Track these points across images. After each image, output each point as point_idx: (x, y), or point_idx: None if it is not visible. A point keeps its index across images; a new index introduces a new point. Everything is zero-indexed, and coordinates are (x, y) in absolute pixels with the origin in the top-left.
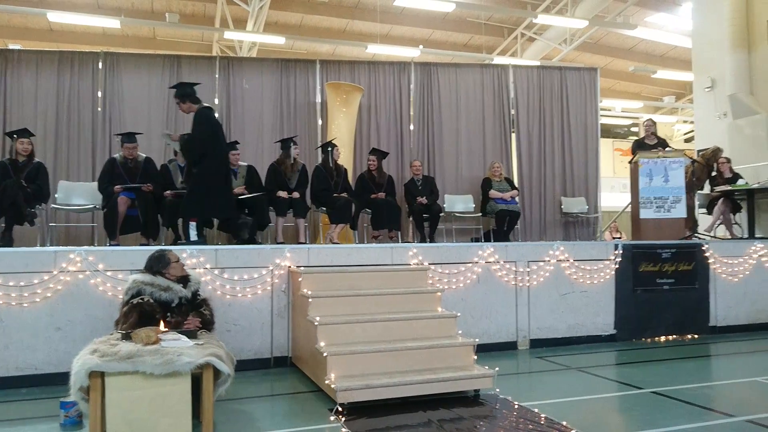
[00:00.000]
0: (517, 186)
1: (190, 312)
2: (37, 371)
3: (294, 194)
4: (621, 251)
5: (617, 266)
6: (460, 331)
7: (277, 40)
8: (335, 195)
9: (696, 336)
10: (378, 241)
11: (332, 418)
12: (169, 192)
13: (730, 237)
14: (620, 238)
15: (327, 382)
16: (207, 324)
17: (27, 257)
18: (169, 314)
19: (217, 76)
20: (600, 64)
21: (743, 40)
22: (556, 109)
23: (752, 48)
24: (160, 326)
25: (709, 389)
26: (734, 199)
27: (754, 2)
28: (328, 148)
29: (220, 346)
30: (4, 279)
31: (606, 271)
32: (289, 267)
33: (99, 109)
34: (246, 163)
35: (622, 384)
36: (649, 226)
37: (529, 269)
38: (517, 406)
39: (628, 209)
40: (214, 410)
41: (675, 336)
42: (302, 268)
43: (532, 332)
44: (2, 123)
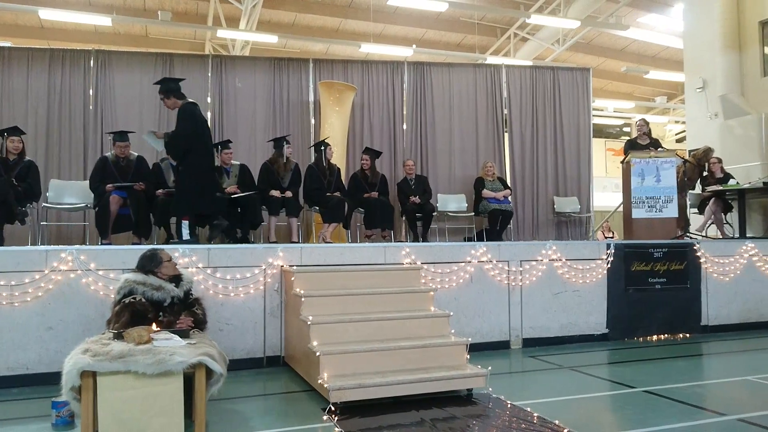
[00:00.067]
0: (509, 185)
1: (183, 311)
2: (28, 371)
3: (287, 193)
4: (613, 251)
5: (609, 266)
6: (453, 331)
7: (270, 38)
8: (328, 194)
9: (687, 335)
10: (371, 241)
11: (325, 418)
12: (161, 191)
13: (721, 237)
14: (612, 237)
15: (320, 381)
16: (199, 323)
17: (18, 256)
18: (162, 314)
19: (209, 74)
20: (592, 65)
21: (734, 41)
22: (548, 109)
23: (743, 49)
24: (153, 326)
25: (700, 388)
26: (725, 199)
27: (745, 4)
28: (321, 147)
29: (212, 346)
30: None
31: (598, 271)
32: (282, 266)
33: (90, 108)
34: (238, 162)
35: (615, 383)
36: (641, 225)
37: (521, 269)
38: (509, 405)
39: (620, 209)
40: (207, 410)
41: (667, 335)
42: (295, 268)
43: (524, 331)
44: None
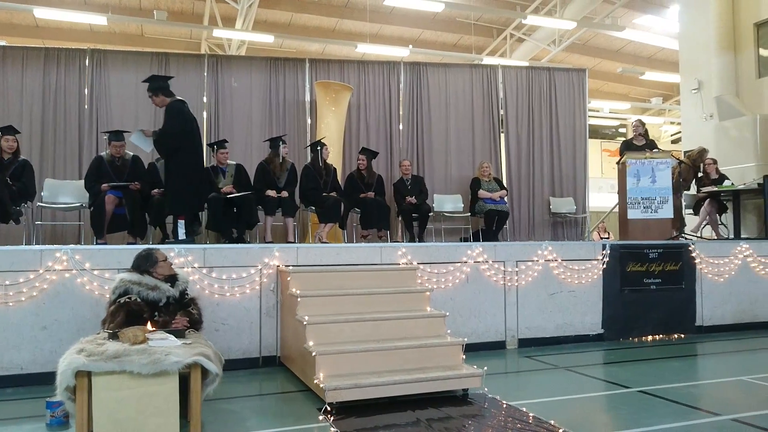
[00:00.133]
0: (505, 186)
1: (178, 311)
2: (22, 371)
3: (283, 193)
4: (609, 251)
5: (605, 266)
6: (449, 331)
7: (266, 38)
8: (324, 194)
9: (682, 335)
10: (367, 241)
11: (321, 418)
12: (156, 190)
13: (716, 237)
14: (608, 238)
15: (316, 381)
16: (195, 323)
17: (12, 256)
18: (157, 313)
19: (205, 74)
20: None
21: (729, 42)
22: (544, 110)
23: (738, 50)
24: (148, 326)
25: (695, 388)
26: (720, 200)
27: (740, 5)
28: (317, 147)
29: (208, 346)
30: None
31: (594, 271)
32: (278, 266)
33: (86, 107)
34: (234, 162)
35: (610, 383)
36: (637, 226)
37: (517, 269)
38: (505, 406)
39: (616, 209)
40: (202, 410)
41: (662, 335)
42: (291, 268)
43: (520, 332)
44: None
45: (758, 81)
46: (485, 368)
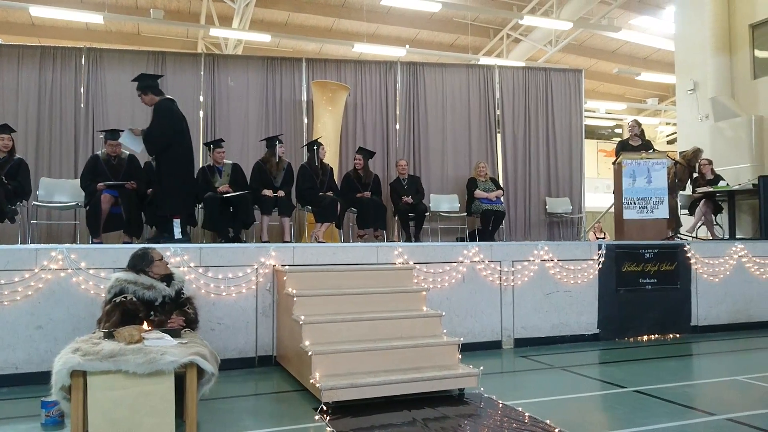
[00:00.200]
0: (502, 186)
1: (174, 311)
2: (17, 370)
3: (279, 193)
4: (604, 251)
5: (600, 266)
6: (445, 331)
7: (263, 37)
8: (321, 194)
9: (678, 335)
10: (363, 240)
11: (317, 417)
12: (152, 190)
13: (711, 238)
14: (604, 238)
15: (312, 381)
16: (191, 323)
17: (8, 255)
18: (153, 313)
19: (202, 73)
20: (585, 66)
21: (725, 43)
22: (541, 110)
23: (734, 52)
24: (144, 325)
25: (690, 388)
26: (716, 200)
27: (735, 7)
28: (314, 147)
29: (204, 345)
30: None
31: (590, 271)
32: (274, 266)
33: (82, 106)
34: (231, 161)
35: (605, 383)
36: (633, 226)
37: (513, 269)
38: (501, 405)
39: (612, 210)
40: (198, 409)
41: (657, 335)
42: (287, 267)
43: (516, 331)
44: None
45: (753, 82)
46: (481, 368)
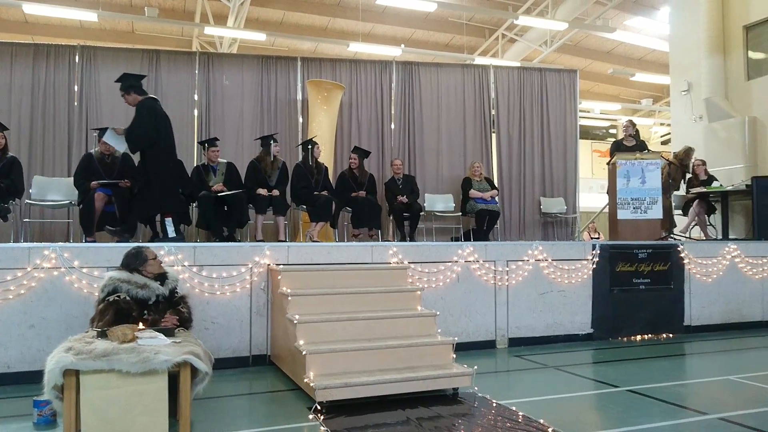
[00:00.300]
0: (496, 186)
1: (168, 310)
2: (9, 369)
3: (274, 192)
4: (598, 251)
5: (594, 266)
6: (440, 330)
7: (258, 36)
8: (315, 193)
9: (671, 335)
10: (358, 240)
11: (311, 417)
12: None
13: (704, 238)
14: (598, 238)
15: (306, 380)
16: (184, 322)
17: (0, 254)
18: (146, 312)
19: (196, 72)
20: (579, 66)
21: (719, 45)
22: (535, 110)
23: (728, 53)
24: (137, 324)
25: (683, 387)
26: (709, 201)
27: (730, 8)
28: (309, 146)
29: (197, 344)
30: None
31: (584, 271)
32: (269, 265)
33: (75, 104)
34: (225, 160)
35: (599, 382)
36: (627, 226)
37: (508, 269)
38: (495, 405)
39: (606, 210)
40: (192, 409)
41: (650, 335)
42: (281, 266)
43: (510, 331)
44: None
45: (747, 83)
46: (475, 367)
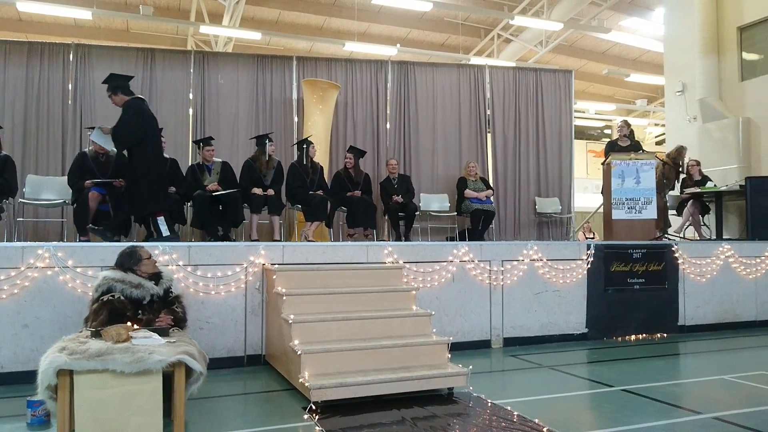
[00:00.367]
0: (492, 186)
1: (162, 309)
2: (2, 369)
3: (269, 191)
4: (593, 251)
5: (589, 266)
6: (435, 330)
7: (254, 35)
8: (311, 192)
9: (665, 335)
10: (353, 240)
11: (306, 417)
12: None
13: (698, 238)
14: (593, 238)
15: (301, 380)
16: (179, 322)
17: None
18: (141, 312)
19: (192, 70)
20: (575, 67)
21: (713, 46)
22: (531, 110)
23: (722, 54)
24: (131, 324)
25: (677, 387)
26: (703, 201)
27: (724, 9)
28: (304, 146)
29: (192, 344)
30: None
31: (578, 271)
32: (264, 264)
33: (69, 102)
34: (220, 159)
35: (593, 382)
36: (621, 226)
37: (503, 268)
38: (490, 404)
39: (601, 210)
40: (186, 409)
41: (645, 335)
42: (277, 266)
43: (505, 331)
44: None
45: (741, 84)
46: (470, 367)
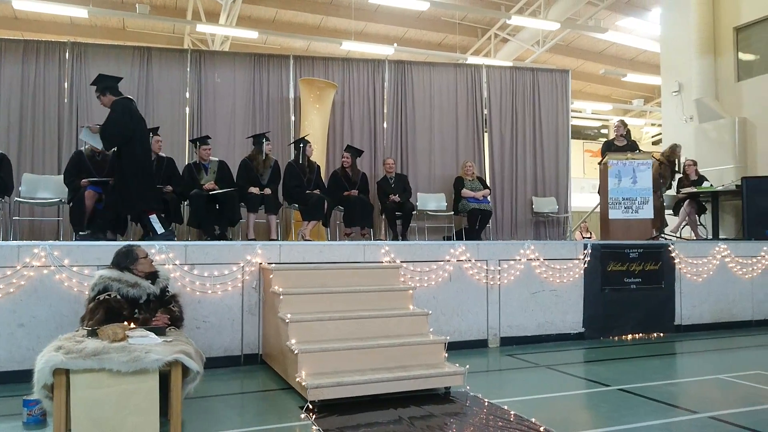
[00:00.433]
0: (489, 185)
1: (159, 308)
2: None
3: (266, 190)
4: (590, 251)
5: (586, 265)
6: (432, 329)
7: (251, 34)
8: (308, 192)
9: (661, 334)
10: (350, 239)
11: (303, 416)
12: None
13: (695, 238)
14: (590, 237)
15: (298, 379)
16: (176, 321)
17: None
18: (137, 311)
19: (188, 69)
20: (571, 67)
21: (710, 46)
22: (528, 110)
23: (718, 54)
24: (128, 323)
25: (673, 386)
26: (699, 201)
27: (720, 10)
28: (301, 145)
29: (189, 343)
30: None
31: (575, 271)
32: (261, 264)
33: (66, 101)
34: (217, 159)
35: (590, 381)
36: (618, 226)
37: (500, 268)
38: (487, 404)
39: (598, 210)
40: (183, 408)
41: (641, 334)
42: (273, 265)
43: (502, 330)
44: None
45: (737, 84)
46: (467, 366)
